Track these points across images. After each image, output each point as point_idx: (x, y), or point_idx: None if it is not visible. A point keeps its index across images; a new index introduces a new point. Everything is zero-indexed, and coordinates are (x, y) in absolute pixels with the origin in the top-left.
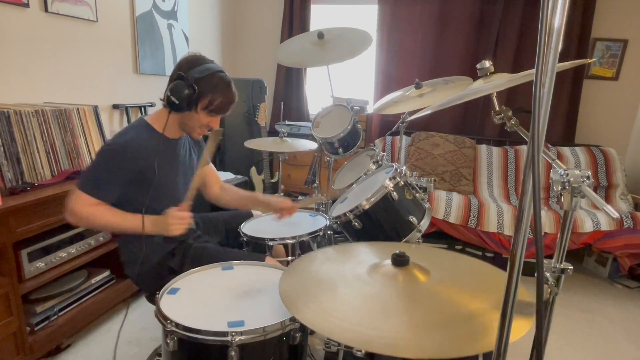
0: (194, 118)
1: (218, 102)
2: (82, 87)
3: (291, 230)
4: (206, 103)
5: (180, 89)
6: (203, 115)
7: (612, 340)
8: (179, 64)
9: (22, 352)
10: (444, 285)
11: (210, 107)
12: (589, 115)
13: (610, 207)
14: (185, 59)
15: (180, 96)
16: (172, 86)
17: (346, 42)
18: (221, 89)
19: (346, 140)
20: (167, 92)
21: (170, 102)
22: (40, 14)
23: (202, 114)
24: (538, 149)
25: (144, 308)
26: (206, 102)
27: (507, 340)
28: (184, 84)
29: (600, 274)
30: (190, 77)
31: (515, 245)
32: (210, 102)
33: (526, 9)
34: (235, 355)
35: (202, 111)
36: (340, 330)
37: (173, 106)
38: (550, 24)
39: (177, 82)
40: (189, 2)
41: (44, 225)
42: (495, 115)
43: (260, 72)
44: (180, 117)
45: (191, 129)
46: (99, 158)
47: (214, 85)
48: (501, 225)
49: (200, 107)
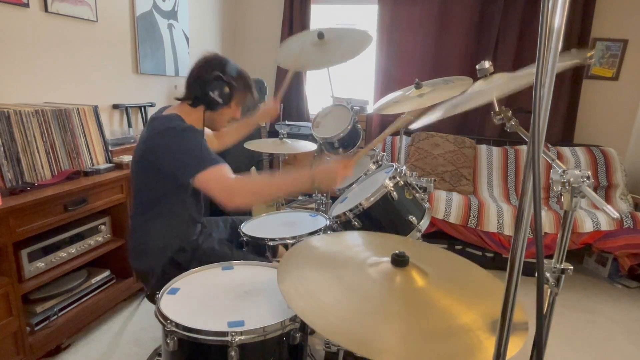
0: (226, 113)
1: (249, 97)
2: (82, 87)
3: (291, 230)
4: (239, 99)
5: (222, 88)
6: (235, 109)
7: (612, 340)
8: (206, 64)
9: (22, 352)
10: (442, 291)
11: (242, 102)
12: (589, 115)
13: (610, 207)
14: (208, 59)
15: (222, 94)
16: (214, 86)
17: (346, 43)
18: (250, 86)
19: (346, 140)
20: (210, 92)
21: (211, 100)
22: (40, 14)
23: (234, 108)
24: (538, 149)
25: (144, 308)
26: (240, 97)
27: (507, 340)
28: (225, 84)
29: (600, 274)
30: (227, 77)
31: (515, 245)
32: (242, 97)
33: (526, 9)
34: (235, 355)
35: (235, 106)
36: (340, 331)
37: (213, 105)
38: (550, 24)
39: (218, 82)
40: (189, 2)
41: (44, 225)
42: (495, 116)
43: (260, 72)
44: (212, 114)
45: (220, 123)
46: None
47: (246, 83)
48: (501, 225)
49: (234, 103)
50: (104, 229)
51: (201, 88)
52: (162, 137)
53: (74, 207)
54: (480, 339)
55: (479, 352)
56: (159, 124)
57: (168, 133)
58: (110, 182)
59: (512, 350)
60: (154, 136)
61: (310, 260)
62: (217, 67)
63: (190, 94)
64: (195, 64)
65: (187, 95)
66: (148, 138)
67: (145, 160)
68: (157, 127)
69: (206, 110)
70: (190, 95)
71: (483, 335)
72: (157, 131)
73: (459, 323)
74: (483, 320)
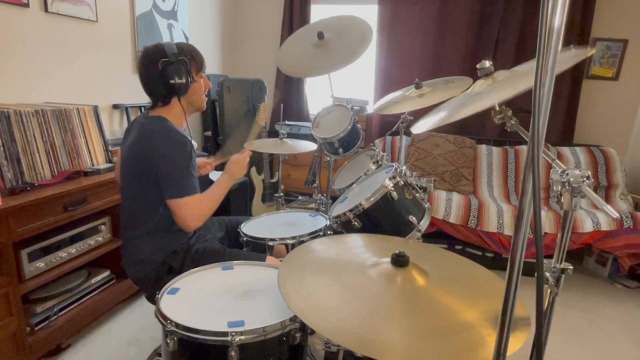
0: (197, 87)
1: (200, 59)
2: (82, 87)
3: (291, 230)
4: (195, 67)
5: (177, 69)
6: (199, 80)
7: (612, 340)
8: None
9: (22, 352)
10: (443, 290)
11: (200, 68)
12: (589, 115)
13: (610, 207)
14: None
15: (181, 75)
16: (168, 73)
17: (346, 41)
18: (195, 49)
19: (346, 140)
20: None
21: (177, 87)
22: (40, 14)
23: (198, 79)
24: (538, 149)
25: (144, 308)
26: (195, 66)
27: (506, 341)
28: (176, 65)
29: (600, 274)
30: (171, 56)
31: (515, 245)
32: (197, 64)
33: (526, 9)
34: (235, 355)
35: (197, 76)
36: (342, 331)
37: (182, 89)
38: (550, 24)
39: (169, 67)
40: (189, 2)
41: (44, 225)
42: (495, 115)
43: (260, 72)
44: (187, 98)
45: (199, 100)
46: (176, 157)
47: (190, 51)
48: (501, 225)
49: (195, 74)
50: (104, 229)
51: (160, 83)
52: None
53: (73, 207)
54: (483, 335)
55: (482, 348)
56: (153, 133)
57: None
58: (110, 182)
59: (515, 345)
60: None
61: (310, 264)
62: (158, 56)
63: (157, 96)
64: (139, 67)
65: (155, 100)
66: (141, 145)
67: (135, 167)
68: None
69: (180, 98)
70: (157, 97)
71: (485, 331)
72: (150, 138)
73: (461, 320)
74: (485, 317)
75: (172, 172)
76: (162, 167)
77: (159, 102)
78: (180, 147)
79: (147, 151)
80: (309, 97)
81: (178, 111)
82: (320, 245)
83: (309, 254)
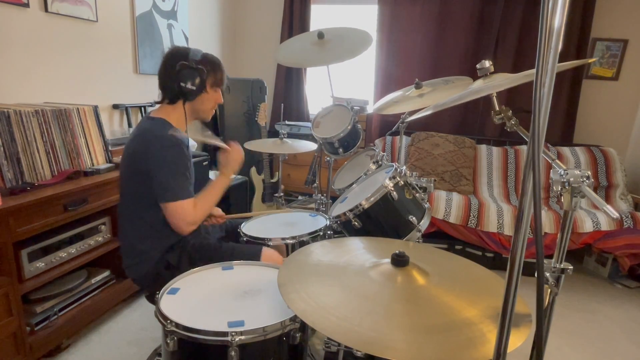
0: (207, 99)
1: (220, 75)
2: (82, 87)
3: (291, 230)
4: (212, 80)
5: (191, 75)
6: (212, 93)
7: (612, 340)
8: (170, 58)
9: (22, 352)
10: (443, 289)
11: (217, 83)
12: (589, 115)
13: (610, 207)
14: (172, 52)
15: (194, 81)
16: (182, 76)
17: (346, 42)
18: (219, 64)
19: (346, 140)
20: (181, 83)
21: (185, 91)
22: (40, 14)
23: (211, 92)
24: (538, 149)
25: (144, 308)
26: (212, 79)
27: (507, 340)
28: (192, 70)
29: (600, 274)
30: (191, 63)
31: (515, 245)
32: (215, 78)
33: (526, 9)
34: (235, 355)
35: (211, 89)
36: (343, 331)
37: (189, 95)
38: (550, 24)
39: (185, 71)
40: (189, 2)
41: (44, 225)
42: (495, 115)
43: (260, 72)
44: (192, 104)
45: (205, 111)
46: (171, 161)
47: (213, 63)
48: (501, 225)
49: (209, 86)
50: (104, 229)
51: (172, 82)
52: (151, 148)
53: (73, 207)
54: (484, 331)
55: (482, 344)
56: (148, 133)
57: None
58: (110, 182)
59: (517, 342)
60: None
61: (310, 266)
62: (180, 57)
63: (166, 93)
64: (161, 63)
65: (163, 96)
66: (137, 145)
67: (130, 166)
68: (146, 136)
69: (185, 102)
70: (166, 94)
71: (486, 327)
72: (145, 140)
73: (461, 317)
74: (486, 314)
75: (165, 176)
76: (156, 171)
77: (166, 99)
78: (175, 151)
79: (141, 152)
80: (309, 97)
81: (181, 114)
82: (320, 248)
83: (308, 257)
